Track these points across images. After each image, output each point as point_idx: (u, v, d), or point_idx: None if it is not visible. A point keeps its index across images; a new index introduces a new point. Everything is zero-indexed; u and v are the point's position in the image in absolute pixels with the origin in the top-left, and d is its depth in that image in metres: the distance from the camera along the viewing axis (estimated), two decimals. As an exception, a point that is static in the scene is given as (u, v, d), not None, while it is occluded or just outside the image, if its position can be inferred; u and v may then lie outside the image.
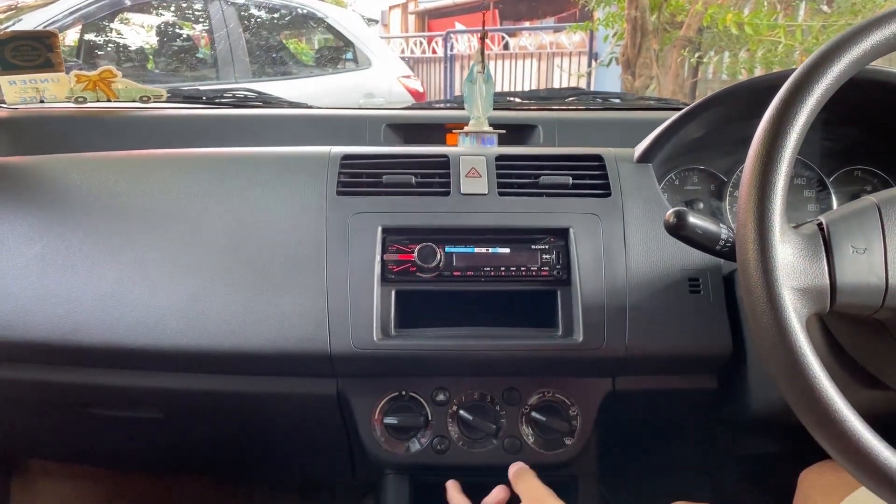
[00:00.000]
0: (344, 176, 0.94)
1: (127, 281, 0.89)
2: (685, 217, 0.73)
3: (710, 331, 0.88)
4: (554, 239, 0.91)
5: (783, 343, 0.56)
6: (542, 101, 1.40)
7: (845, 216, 0.63)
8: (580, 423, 0.92)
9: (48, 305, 0.88)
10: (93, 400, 1.00)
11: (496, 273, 0.90)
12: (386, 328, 0.88)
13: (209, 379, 0.92)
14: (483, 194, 0.93)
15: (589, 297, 0.88)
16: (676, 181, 1.04)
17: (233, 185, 0.94)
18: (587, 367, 0.90)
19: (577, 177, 0.94)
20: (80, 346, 0.88)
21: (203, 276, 0.88)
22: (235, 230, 0.91)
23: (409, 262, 0.90)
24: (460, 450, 0.91)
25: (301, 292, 0.87)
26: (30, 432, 1.15)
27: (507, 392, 0.92)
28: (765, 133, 0.60)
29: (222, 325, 0.87)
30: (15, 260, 0.90)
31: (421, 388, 0.92)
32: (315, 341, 0.86)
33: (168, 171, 0.97)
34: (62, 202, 0.94)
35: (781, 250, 0.58)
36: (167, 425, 1.04)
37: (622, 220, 0.91)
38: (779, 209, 0.59)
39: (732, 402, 0.93)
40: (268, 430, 1.05)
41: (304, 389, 0.92)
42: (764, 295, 0.57)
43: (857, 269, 0.60)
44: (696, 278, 0.89)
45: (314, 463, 1.18)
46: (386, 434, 0.92)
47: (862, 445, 0.55)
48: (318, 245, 0.89)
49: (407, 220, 0.91)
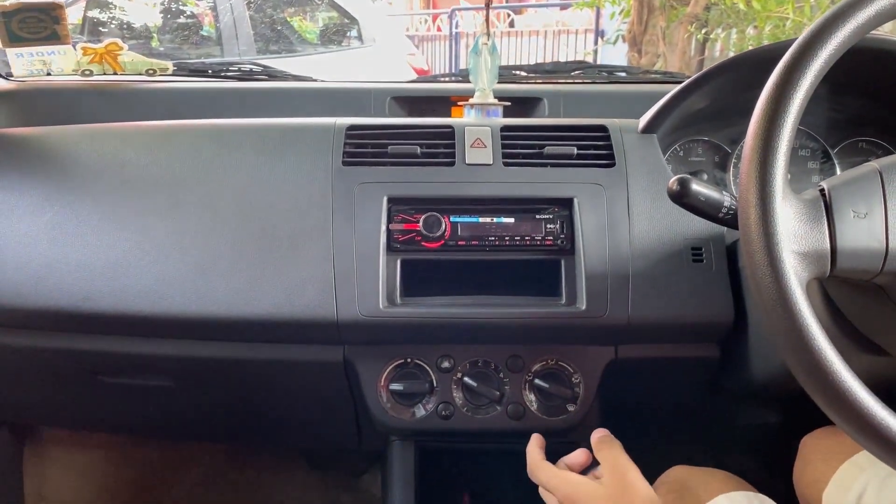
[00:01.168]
0: (349, 146, 0.95)
1: (136, 249, 0.90)
2: (688, 184, 0.73)
3: (712, 299, 0.89)
4: (558, 209, 0.92)
5: (783, 305, 0.57)
6: (548, 75, 1.39)
7: (847, 181, 0.64)
8: (582, 390, 0.93)
9: (59, 273, 0.90)
10: (103, 368, 1.01)
11: (500, 242, 0.91)
12: (392, 296, 0.89)
13: (218, 346, 0.94)
14: (488, 164, 0.93)
15: (592, 266, 0.89)
16: (681, 152, 1.04)
17: (240, 155, 0.95)
18: (590, 335, 0.91)
19: (581, 147, 0.95)
20: (90, 314, 0.89)
21: (211, 244, 0.90)
22: (242, 199, 0.91)
23: (414, 231, 0.91)
24: (464, 416, 0.93)
25: (308, 261, 0.88)
26: (42, 401, 1.18)
27: (510, 359, 0.93)
28: (768, 99, 0.60)
29: (230, 292, 0.88)
30: (26, 228, 0.91)
31: (426, 356, 0.94)
32: (322, 308, 0.87)
33: (176, 142, 0.98)
34: (71, 172, 0.96)
35: (783, 214, 0.59)
36: (177, 393, 1.06)
37: (626, 190, 0.92)
38: (781, 174, 0.59)
39: (734, 371, 0.94)
40: (276, 398, 1.07)
41: (311, 356, 0.94)
42: (765, 258, 0.58)
43: (858, 234, 0.61)
44: (698, 247, 0.90)
45: (321, 431, 1.20)
46: (392, 400, 0.93)
47: (859, 406, 0.56)
48: (325, 214, 0.90)
49: (412, 189, 0.92)
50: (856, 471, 0.78)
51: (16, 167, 0.97)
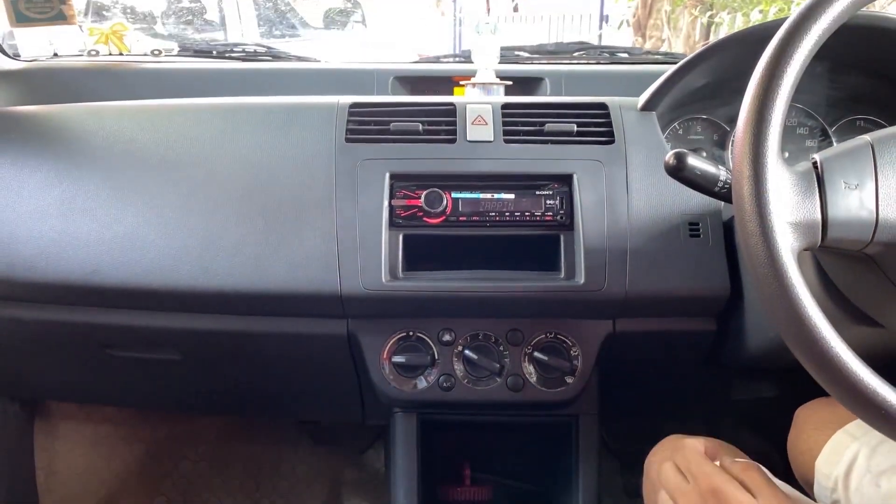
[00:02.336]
0: (352, 124, 0.96)
1: (143, 224, 0.92)
2: (685, 158, 0.75)
3: (708, 273, 0.90)
4: (558, 185, 0.93)
5: (775, 274, 0.59)
6: (550, 55, 1.40)
7: (839, 154, 0.65)
8: (581, 363, 0.95)
9: (69, 247, 0.91)
10: (112, 341, 1.03)
11: (501, 218, 0.93)
12: (394, 270, 0.91)
13: (224, 319, 0.96)
14: (489, 141, 0.95)
15: (591, 241, 0.90)
16: (680, 130, 1.05)
17: (245, 132, 0.97)
18: (588, 308, 0.93)
19: (581, 124, 0.96)
20: (99, 287, 0.91)
21: (216, 219, 0.91)
22: (247, 175, 0.93)
23: (416, 207, 0.92)
24: (465, 387, 0.95)
25: (311, 235, 0.90)
26: (52, 374, 1.20)
27: (510, 333, 0.95)
28: (762, 72, 0.61)
29: (235, 266, 0.90)
30: (36, 203, 0.93)
31: (428, 329, 0.95)
32: (326, 282, 0.89)
33: (182, 119, 0.99)
34: (80, 149, 0.97)
35: (775, 185, 0.60)
36: (184, 366, 1.08)
37: (625, 167, 0.93)
38: (774, 146, 0.60)
39: (730, 345, 0.96)
40: (281, 371, 1.09)
41: (315, 330, 0.96)
42: (757, 228, 0.60)
43: (849, 204, 0.62)
44: (696, 223, 0.91)
45: (326, 404, 1.23)
46: (394, 372, 0.95)
47: (849, 373, 0.57)
48: (328, 190, 0.92)
49: (414, 166, 0.93)
50: (847, 439, 0.80)
51: (25, 144, 0.98)
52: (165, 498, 1.48)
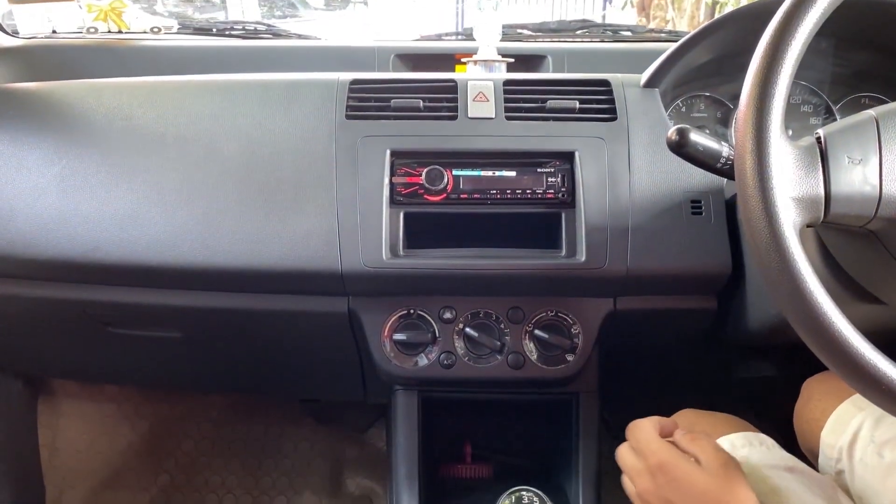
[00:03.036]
0: (353, 100, 0.95)
1: (143, 201, 0.91)
2: (687, 134, 0.74)
3: (710, 251, 0.90)
4: (559, 162, 0.93)
5: (777, 250, 0.58)
6: (552, 33, 1.39)
7: (843, 128, 0.64)
8: (581, 341, 0.95)
9: (69, 224, 0.91)
10: (113, 319, 1.04)
11: (502, 195, 0.92)
12: (395, 248, 0.91)
13: (225, 297, 0.96)
14: (490, 118, 0.94)
15: (592, 218, 0.90)
16: (683, 108, 1.05)
17: (245, 108, 0.96)
18: (589, 286, 0.93)
19: (583, 101, 0.95)
20: (100, 264, 0.91)
21: (216, 196, 0.91)
22: (247, 152, 0.93)
23: (416, 184, 0.92)
24: (466, 365, 0.95)
25: (312, 212, 0.90)
26: (54, 352, 1.21)
27: (511, 311, 0.95)
28: (766, 45, 0.61)
29: (236, 243, 0.90)
30: (36, 180, 0.93)
31: (428, 307, 0.95)
32: (326, 259, 0.89)
33: (181, 96, 0.99)
34: (79, 126, 0.97)
35: (778, 160, 0.59)
36: (184, 344, 1.08)
37: (627, 144, 0.93)
38: (777, 121, 0.60)
39: (731, 323, 0.96)
40: (282, 349, 1.09)
41: (316, 307, 0.96)
42: (759, 203, 0.59)
43: (852, 179, 0.62)
44: (698, 200, 0.91)
45: (328, 382, 1.23)
46: (395, 350, 0.95)
47: (850, 349, 0.57)
48: (328, 167, 0.91)
49: (415, 143, 0.93)
50: (853, 410, 0.81)
51: (24, 121, 0.98)
52: (168, 476, 1.50)
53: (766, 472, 0.72)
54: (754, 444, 0.76)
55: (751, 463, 0.73)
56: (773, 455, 0.75)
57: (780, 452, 0.76)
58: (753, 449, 0.75)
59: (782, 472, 0.72)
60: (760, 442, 0.76)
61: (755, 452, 0.75)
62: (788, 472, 0.72)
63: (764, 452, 0.75)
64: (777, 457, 0.75)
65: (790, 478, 0.72)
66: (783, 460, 0.74)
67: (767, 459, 0.74)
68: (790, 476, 0.72)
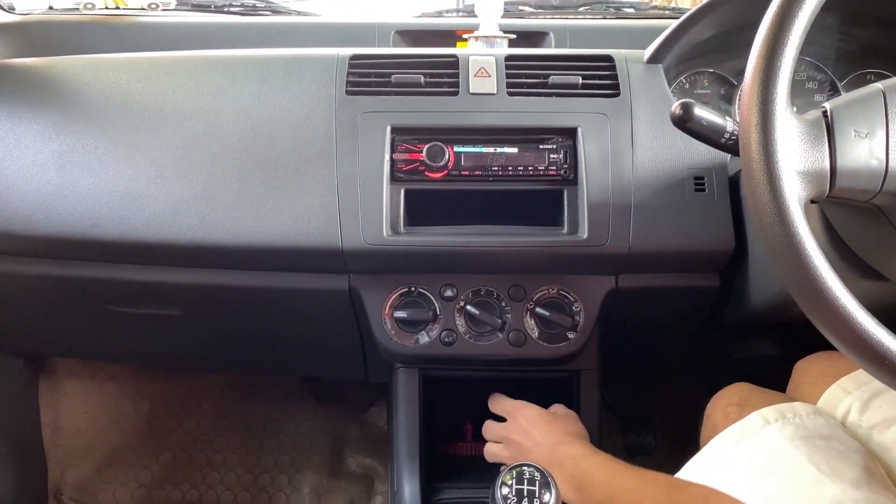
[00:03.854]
0: (353, 76, 0.94)
1: (142, 178, 0.91)
2: (691, 108, 0.73)
3: (713, 228, 0.89)
4: (562, 138, 0.92)
5: (781, 224, 0.58)
6: (555, 9, 1.37)
7: (850, 102, 0.64)
8: (583, 318, 0.95)
9: (68, 201, 0.91)
10: (113, 296, 1.03)
11: (504, 172, 0.92)
12: (395, 225, 0.90)
13: (225, 275, 0.95)
14: (492, 94, 0.93)
15: (595, 195, 0.89)
16: (686, 85, 1.04)
17: (244, 84, 0.95)
18: (591, 264, 0.93)
19: (586, 77, 0.94)
20: (99, 241, 0.91)
21: (215, 173, 0.90)
22: (247, 128, 0.92)
23: (417, 161, 0.91)
24: (467, 342, 0.95)
25: (312, 189, 0.89)
26: (54, 330, 1.20)
27: (512, 288, 0.95)
28: (772, 17, 0.60)
29: (235, 220, 0.89)
30: (34, 157, 0.92)
31: (429, 284, 0.95)
32: (327, 236, 0.89)
33: (180, 72, 0.98)
34: (77, 102, 0.96)
35: (783, 133, 0.59)
36: (185, 322, 1.08)
37: (630, 120, 0.92)
38: (783, 93, 0.59)
39: (733, 301, 0.96)
40: (283, 327, 1.09)
41: (317, 285, 0.95)
42: (764, 177, 0.58)
43: (858, 153, 0.61)
44: (701, 177, 0.90)
45: (329, 361, 1.23)
46: (396, 327, 0.95)
47: (854, 322, 0.57)
48: (328, 144, 0.90)
49: (415, 119, 0.92)
50: (841, 394, 0.80)
51: (22, 97, 0.97)
52: (170, 454, 1.50)
53: (799, 444, 0.71)
54: (787, 417, 0.75)
55: (783, 436, 0.73)
56: (807, 424, 0.74)
57: (814, 421, 0.75)
58: (786, 422, 0.74)
59: (817, 441, 0.72)
60: (794, 413, 0.75)
61: (787, 425, 0.74)
62: (824, 441, 0.72)
63: (798, 424, 0.74)
64: (811, 426, 0.74)
65: (826, 447, 0.71)
66: (817, 429, 0.74)
67: (801, 431, 0.73)
68: (826, 445, 0.71)
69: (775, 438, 0.73)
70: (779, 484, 0.70)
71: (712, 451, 0.78)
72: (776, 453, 0.72)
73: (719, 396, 0.88)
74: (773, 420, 0.75)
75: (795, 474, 0.70)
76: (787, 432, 0.73)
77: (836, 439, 0.73)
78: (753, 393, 0.86)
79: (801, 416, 0.76)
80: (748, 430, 0.76)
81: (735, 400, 0.85)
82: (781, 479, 0.70)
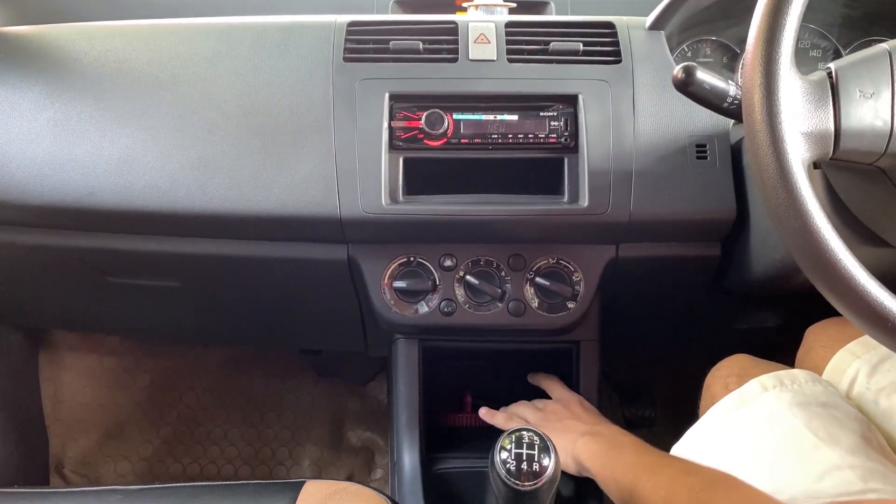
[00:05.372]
0: (350, 42, 0.93)
1: (138, 146, 0.90)
2: (693, 72, 0.72)
3: (715, 196, 0.89)
4: (563, 106, 0.91)
5: (784, 186, 0.57)
6: (556, -22, 1.35)
7: (855, 62, 0.63)
8: (583, 288, 0.94)
9: (63, 170, 0.90)
10: (110, 267, 1.03)
11: (504, 140, 0.91)
12: (394, 194, 0.90)
13: (223, 244, 0.94)
14: (492, 60, 0.92)
15: (595, 163, 0.89)
16: (689, 52, 1.02)
17: (240, 52, 0.94)
18: (591, 233, 0.92)
19: (587, 43, 0.93)
20: (95, 210, 0.90)
21: (212, 141, 0.89)
22: (244, 96, 0.91)
23: (416, 129, 0.90)
24: (466, 312, 0.94)
25: (310, 158, 0.88)
26: (52, 302, 1.20)
27: (512, 258, 0.94)
28: None
29: (232, 189, 0.88)
30: (29, 125, 0.91)
31: (428, 254, 0.94)
32: (325, 205, 0.88)
33: (174, 39, 0.96)
34: (71, 69, 0.94)
35: (787, 94, 0.58)
36: (185, 294, 1.08)
37: (632, 87, 0.90)
38: (788, 53, 0.58)
39: (734, 270, 0.95)
40: (282, 298, 1.09)
41: (315, 255, 0.95)
42: (767, 139, 0.58)
43: (863, 114, 0.60)
44: (703, 144, 0.89)
45: (328, 333, 1.23)
46: (395, 297, 0.95)
47: (855, 284, 0.56)
48: (326, 111, 0.89)
49: (414, 86, 0.91)
50: (849, 358, 0.80)
51: (15, 65, 0.96)
52: (171, 428, 1.51)
53: (797, 410, 0.71)
54: (785, 384, 0.75)
55: (781, 402, 0.73)
56: (805, 391, 0.74)
57: (812, 388, 0.75)
58: (784, 388, 0.74)
59: (815, 408, 0.72)
60: (792, 380, 0.75)
61: (785, 392, 0.74)
62: (822, 408, 0.72)
63: (795, 390, 0.74)
64: (809, 393, 0.74)
65: (824, 414, 0.71)
66: (815, 396, 0.74)
67: (799, 398, 0.73)
68: (823, 412, 0.71)
69: (773, 405, 0.73)
70: (777, 449, 0.71)
71: (712, 418, 0.78)
72: (774, 419, 0.72)
73: (718, 368, 0.88)
74: (772, 387, 0.76)
75: (793, 440, 0.70)
76: (786, 399, 0.74)
77: (834, 406, 0.73)
78: (753, 364, 0.86)
79: (800, 382, 0.76)
80: (746, 398, 0.76)
81: (734, 371, 0.85)
82: (779, 444, 0.71)
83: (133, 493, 0.77)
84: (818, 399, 0.74)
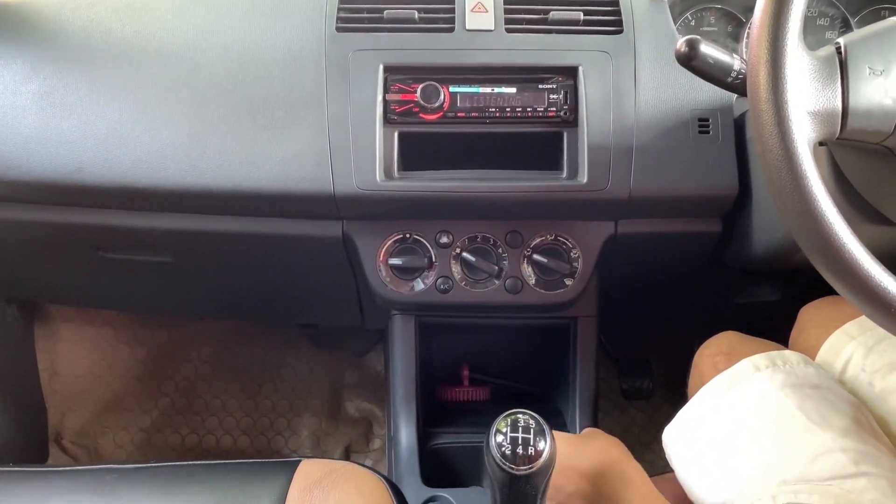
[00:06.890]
0: (343, 11, 0.90)
1: (126, 120, 0.88)
2: (697, 45, 0.70)
3: (716, 172, 0.87)
4: (562, 78, 0.88)
5: (788, 166, 0.56)
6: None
7: (865, 37, 0.60)
8: (581, 265, 0.93)
9: (51, 145, 0.88)
10: (102, 242, 1.01)
11: (501, 114, 0.88)
12: (389, 170, 0.88)
13: (215, 220, 0.93)
14: (489, 30, 0.89)
15: (595, 138, 0.86)
16: (692, 21, 0.99)
17: (229, 21, 0.91)
18: (590, 209, 0.90)
19: (588, 13, 0.90)
20: (84, 186, 0.88)
21: (202, 114, 0.87)
22: (233, 67, 0.88)
23: (411, 102, 0.88)
24: (463, 289, 0.93)
25: (302, 131, 0.86)
26: (46, 278, 1.19)
27: (509, 235, 0.93)
28: None
29: (223, 164, 0.86)
30: (13, 98, 0.89)
31: (424, 231, 0.93)
32: (318, 181, 0.86)
33: (162, 8, 0.93)
34: (56, 40, 0.92)
35: (794, 71, 0.56)
36: (177, 269, 1.06)
37: (634, 58, 0.88)
38: (795, 28, 0.56)
39: (735, 246, 0.94)
40: (277, 274, 1.08)
41: (310, 231, 0.93)
42: (772, 117, 0.56)
43: (872, 92, 0.58)
44: (706, 118, 0.87)
45: (324, 307, 1.22)
46: (391, 274, 0.93)
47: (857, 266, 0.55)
48: (318, 83, 0.87)
49: (409, 57, 0.88)
50: (845, 339, 0.79)
51: None
52: (169, 399, 1.51)
53: (789, 392, 0.71)
54: (777, 364, 0.74)
55: (774, 383, 0.72)
56: (798, 373, 0.74)
57: (804, 370, 0.74)
58: (776, 369, 0.74)
59: (807, 389, 0.71)
60: (784, 361, 0.75)
61: (778, 373, 0.73)
62: (814, 390, 0.71)
63: (788, 371, 0.73)
64: (801, 374, 0.73)
65: (816, 396, 0.71)
66: (807, 378, 0.73)
67: (791, 379, 0.72)
68: (816, 394, 0.71)
69: (766, 385, 0.73)
70: (769, 431, 0.70)
71: (704, 398, 0.77)
72: (766, 400, 0.72)
73: (707, 346, 0.87)
74: (764, 367, 0.75)
75: (785, 422, 0.70)
76: (778, 380, 0.73)
77: (826, 389, 0.73)
78: (741, 342, 0.85)
79: (792, 364, 0.75)
80: (738, 378, 0.76)
81: (723, 349, 0.84)
82: (771, 426, 0.70)
83: (128, 473, 0.77)
84: (810, 381, 0.73)
